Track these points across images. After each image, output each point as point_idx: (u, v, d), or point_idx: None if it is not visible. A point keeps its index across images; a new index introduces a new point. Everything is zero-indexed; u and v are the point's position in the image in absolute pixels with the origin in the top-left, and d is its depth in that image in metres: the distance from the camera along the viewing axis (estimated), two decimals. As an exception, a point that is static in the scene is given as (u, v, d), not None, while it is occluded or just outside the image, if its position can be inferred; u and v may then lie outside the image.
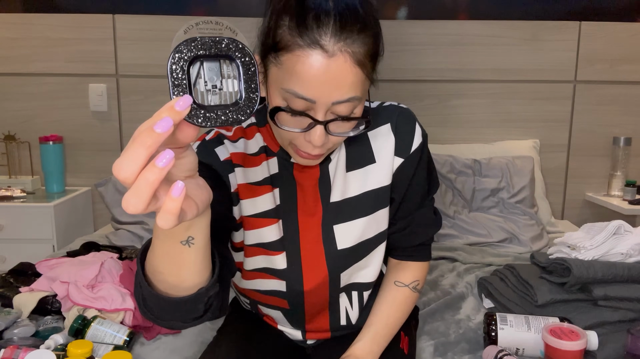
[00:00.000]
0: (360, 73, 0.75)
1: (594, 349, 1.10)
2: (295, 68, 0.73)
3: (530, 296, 1.29)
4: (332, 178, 0.94)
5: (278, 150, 0.93)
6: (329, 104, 0.75)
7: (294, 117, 0.77)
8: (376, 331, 0.99)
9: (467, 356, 1.16)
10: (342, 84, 0.74)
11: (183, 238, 0.60)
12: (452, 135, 2.35)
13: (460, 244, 1.92)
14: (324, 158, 0.90)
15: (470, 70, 2.31)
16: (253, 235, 0.94)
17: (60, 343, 1.13)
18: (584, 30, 2.28)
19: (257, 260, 0.95)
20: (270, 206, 0.93)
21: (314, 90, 0.74)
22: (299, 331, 1.06)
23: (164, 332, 1.28)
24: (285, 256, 0.95)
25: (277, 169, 0.93)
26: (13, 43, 2.29)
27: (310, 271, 0.96)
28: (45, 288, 1.31)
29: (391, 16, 2.30)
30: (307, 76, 0.73)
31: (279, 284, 0.97)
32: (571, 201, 2.42)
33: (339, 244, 0.95)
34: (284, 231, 0.94)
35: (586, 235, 1.34)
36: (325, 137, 0.78)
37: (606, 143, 2.35)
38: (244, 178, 0.92)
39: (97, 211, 2.42)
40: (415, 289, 1.04)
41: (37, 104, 2.34)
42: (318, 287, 0.97)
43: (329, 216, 0.94)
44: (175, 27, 2.27)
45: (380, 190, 0.95)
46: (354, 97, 0.76)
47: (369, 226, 0.96)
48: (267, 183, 0.93)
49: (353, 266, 0.98)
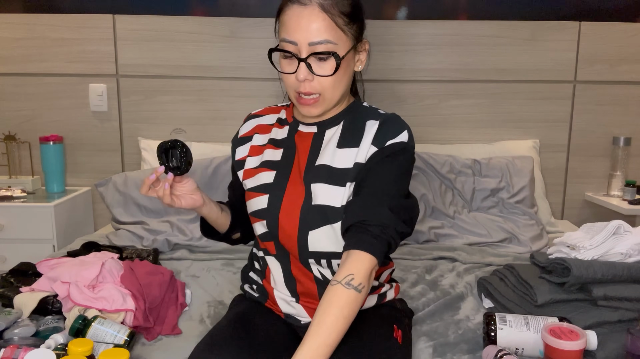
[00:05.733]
0: (329, 19, 0.99)
1: (594, 349, 1.10)
2: (283, 20, 1.03)
3: (529, 296, 1.29)
4: (322, 148, 1.11)
5: (292, 121, 1.17)
6: (307, 45, 1.00)
7: (286, 59, 1.03)
8: (310, 337, 0.90)
9: (466, 357, 1.15)
10: (313, 27, 0.99)
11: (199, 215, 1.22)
12: (452, 135, 2.35)
13: (460, 244, 1.92)
14: (322, 118, 1.12)
15: (470, 70, 2.31)
16: (251, 182, 1.16)
17: (61, 342, 1.13)
18: (584, 31, 2.28)
19: (251, 202, 1.16)
20: (269, 158, 1.16)
21: (293, 33, 1.00)
22: (294, 299, 1.14)
23: (165, 333, 1.28)
24: (268, 198, 1.12)
25: (285, 134, 1.16)
26: (13, 43, 2.30)
27: (285, 214, 1.09)
28: (45, 288, 1.31)
29: (391, 16, 2.31)
30: (288, 23, 1.01)
31: (264, 213, 1.13)
32: (571, 201, 2.42)
33: (314, 199, 1.07)
34: (275, 180, 1.13)
35: (586, 234, 1.35)
36: (309, 75, 1.01)
37: (606, 143, 2.35)
38: (255, 142, 1.20)
39: (97, 211, 2.43)
40: (349, 285, 0.93)
41: (37, 104, 2.35)
42: (290, 228, 1.08)
43: (310, 175, 1.09)
44: (175, 27, 2.27)
45: (354, 168, 1.07)
46: (327, 40, 1.00)
47: (338, 194, 1.06)
48: (271, 144, 1.17)
49: (320, 230, 1.06)
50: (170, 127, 2.34)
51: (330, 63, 1.01)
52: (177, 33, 2.29)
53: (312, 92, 1.03)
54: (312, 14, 0.99)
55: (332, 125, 1.12)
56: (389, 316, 1.14)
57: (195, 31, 2.29)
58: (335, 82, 1.04)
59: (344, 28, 1.02)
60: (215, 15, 2.30)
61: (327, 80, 1.02)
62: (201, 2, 2.31)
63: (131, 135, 2.36)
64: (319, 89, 1.03)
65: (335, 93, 1.05)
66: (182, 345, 1.21)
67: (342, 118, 1.12)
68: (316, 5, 0.99)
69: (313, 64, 1.01)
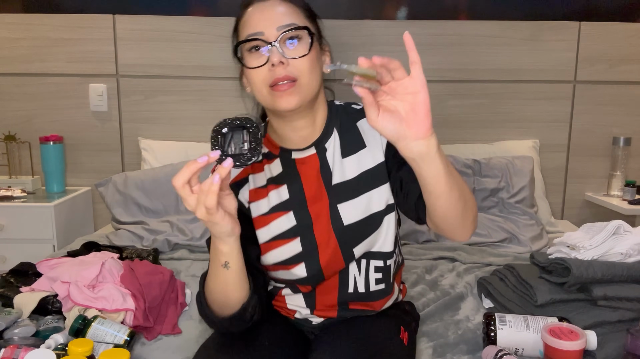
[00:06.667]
0: (292, 6, 0.99)
1: (593, 349, 1.10)
2: (244, 22, 0.99)
3: (529, 296, 1.29)
4: (332, 165, 1.05)
5: (279, 151, 1.06)
6: (275, 30, 0.95)
7: (253, 53, 0.97)
8: None
9: (466, 357, 1.15)
10: (278, 13, 0.97)
11: (222, 263, 0.92)
12: (452, 135, 2.35)
13: (460, 244, 1.92)
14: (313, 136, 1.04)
15: (470, 70, 2.31)
16: (266, 231, 1.05)
17: (61, 342, 1.13)
18: (584, 31, 2.28)
19: (272, 254, 1.05)
20: (277, 202, 1.06)
21: (257, 24, 0.96)
22: (308, 310, 1.10)
23: (165, 332, 1.28)
24: (300, 240, 1.04)
25: (280, 169, 1.06)
26: (13, 43, 2.30)
27: (324, 248, 1.03)
28: (45, 288, 1.31)
29: (391, 16, 2.30)
30: (251, 19, 0.98)
31: (300, 269, 1.04)
32: (571, 201, 2.42)
33: (344, 220, 1.03)
34: (297, 219, 1.05)
35: (586, 235, 1.34)
36: (282, 57, 0.94)
37: (606, 143, 2.35)
38: (253, 184, 1.07)
39: (97, 211, 2.42)
40: None
41: (37, 104, 2.35)
42: (332, 259, 1.04)
43: (333, 197, 1.04)
44: (175, 27, 2.27)
45: (375, 169, 1.04)
46: (294, 24, 0.96)
47: (371, 201, 1.04)
48: (271, 183, 1.06)
49: (364, 242, 1.04)
50: (171, 127, 2.34)
51: (302, 45, 0.96)
52: (177, 33, 2.28)
53: (288, 77, 0.94)
54: (274, 4, 0.98)
55: (327, 137, 1.06)
56: (397, 318, 1.13)
57: (195, 31, 2.28)
58: (311, 66, 0.96)
59: (307, 19, 1.01)
60: (215, 15, 2.29)
61: (303, 63, 0.95)
62: (201, 2, 2.31)
63: (131, 135, 2.36)
64: (295, 73, 0.95)
65: (312, 80, 0.97)
66: (182, 344, 1.22)
67: (331, 126, 1.06)
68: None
69: (285, 50, 0.95)
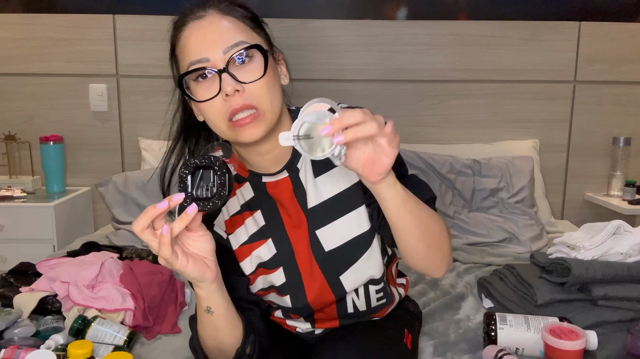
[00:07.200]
0: (235, 21, 0.86)
1: (594, 349, 1.10)
2: (182, 45, 0.87)
3: (530, 296, 1.29)
4: (305, 185, 0.95)
5: (248, 175, 0.97)
6: (221, 54, 0.83)
7: (200, 83, 0.85)
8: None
9: (466, 356, 1.16)
10: (221, 32, 0.84)
11: (204, 308, 0.84)
12: (452, 135, 2.35)
13: (460, 244, 1.92)
14: (283, 161, 0.94)
15: (470, 70, 2.31)
16: (249, 263, 0.98)
17: (61, 343, 1.13)
18: (584, 30, 2.28)
19: (258, 281, 0.99)
20: (255, 229, 0.98)
21: (200, 49, 0.84)
22: (308, 324, 1.07)
23: (164, 332, 1.28)
24: (283, 271, 0.97)
25: (252, 193, 0.98)
26: (13, 43, 2.29)
27: (309, 281, 0.97)
28: (45, 288, 1.31)
29: (391, 16, 2.30)
30: (190, 42, 0.85)
31: (288, 299, 0.99)
32: (571, 201, 2.42)
33: (325, 246, 0.96)
34: (276, 247, 0.97)
35: (586, 234, 1.35)
36: (237, 85, 0.83)
37: (606, 143, 2.34)
38: (227, 213, 0.98)
39: (97, 211, 2.42)
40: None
41: (37, 104, 2.34)
42: (320, 294, 0.98)
43: (311, 223, 0.96)
44: (175, 27, 2.27)
45: (351, 189, 0.95)
46: (242, 42, 0.84)
47: (351, 224, 0.95)
48: (245, 210, 0.98)
49: (352, 269, 0.97)
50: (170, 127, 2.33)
51: (256, 64, 0.84)
52: (177, 33, 2.28)
53: (246, 105, 0.83)
54: (213, 21, 0.86)
55: (298, 157, 0.95)
56: (401, 319, 1.12)
57: (195, 31, 2.28)
58: (270, 88, 0.85)
59: (253, 31, 0.88)
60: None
61: (260, 87, 0.84)
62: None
63: (131, 135, 2.36)
64: (255, 101, 0.84)
65: (274, 103, 0.86)
66: (181, 344, 1.21)
67: None
68: (213, 12, 0.87)
69: (237, 73, 0.83)
